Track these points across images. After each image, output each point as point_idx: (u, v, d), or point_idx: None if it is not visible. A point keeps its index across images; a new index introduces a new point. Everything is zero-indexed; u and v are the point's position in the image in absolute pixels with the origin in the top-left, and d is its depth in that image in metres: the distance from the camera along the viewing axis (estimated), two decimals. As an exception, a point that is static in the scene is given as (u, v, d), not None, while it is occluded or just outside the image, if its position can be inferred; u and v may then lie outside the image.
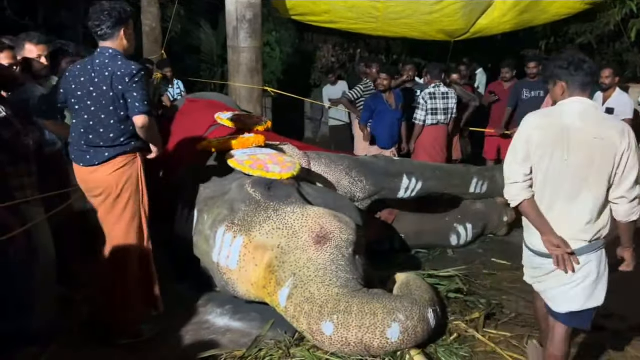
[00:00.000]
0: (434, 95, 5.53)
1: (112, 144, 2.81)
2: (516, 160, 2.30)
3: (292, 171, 3.45)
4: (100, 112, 2.78)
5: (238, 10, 5.87)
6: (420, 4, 6.63)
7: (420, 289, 2.93)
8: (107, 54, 2.79)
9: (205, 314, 3.21)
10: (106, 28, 2.77)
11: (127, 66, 2.75)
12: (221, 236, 3.06)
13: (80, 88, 2.81)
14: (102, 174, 2.81)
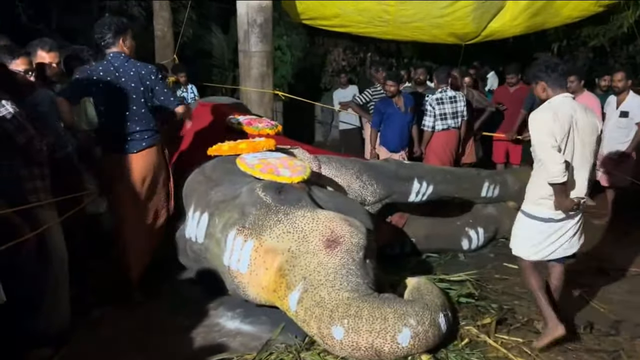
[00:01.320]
0: (441, 100, 5.52)
1: (147, 133, 3.35)
2: (552, 147, 2.77)
3: (302, 175, 3.45)
4: (134, 105, 3.31)
5: (249, 14, 5.91)
6: (431, 7, 6.62)
7: (431, 293, 2.92)
8: (121, 57, 3.32)
9: (216, 317, 3.22)
10: (108, 38, 3.30)
11: (146, 65, 3.39)
12: (232, 240, 3.07)
13: (107, 86, 3.26)
14: (142, 160, 3.35)
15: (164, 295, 3.52)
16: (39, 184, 2.82)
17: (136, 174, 3.35)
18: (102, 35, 3.29)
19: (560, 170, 2.74)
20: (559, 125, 2.78)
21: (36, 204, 2.75)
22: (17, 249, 2.45)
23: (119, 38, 3.30)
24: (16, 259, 2.44)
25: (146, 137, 3.35)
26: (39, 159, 2.83)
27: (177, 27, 7.11)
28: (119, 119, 3.29)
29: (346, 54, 9.76)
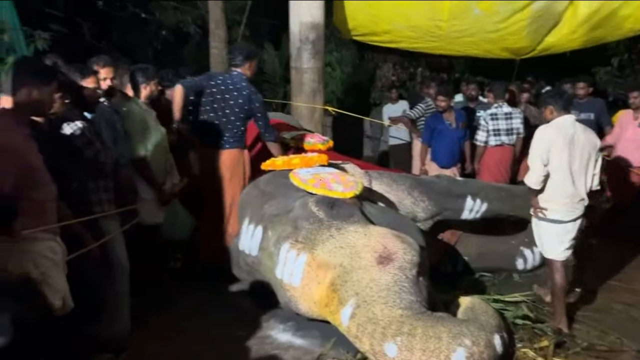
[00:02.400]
0: (496, 115, 5.43)
1: (235, 136, 4.12)
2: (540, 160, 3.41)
3: (354, 190, 3.47)
4: (232, 113, 4.08)
5: (301, 32, 6.01)
6: (485, 22, 6.55)
7: (486, 313, 2.85)
8: (241, 77, 4.12)
9: (268, 329, 3.26)
10: (238, 60, 4.13)
11: (257, 95, 4.15)
12: (285, 253, 3.11)
13: (219, 92, 4.08)
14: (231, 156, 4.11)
15: (218, 306, 3.58)
16: (103, 196, 2.96)
17: (222, 166, 4.09)
18: (234, 56, 4.16)
19: (537, 180, 3.46)
20: (560, 139, 3.40)
21: (101, 215, 2.88)
22: (83, 258, 2.57)
23: (246, 62, 4.12)
24: (82, 267, 2.55)
25: (232, 141, 4.11)
26: (104, 172, 2.97)
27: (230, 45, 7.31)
28: (218, 121, 4.08)
29: (396, 69, 9.76)
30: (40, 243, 2.36)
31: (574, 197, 3.47)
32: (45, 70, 2.49)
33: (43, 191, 2.39)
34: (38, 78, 2.35)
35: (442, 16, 6.63)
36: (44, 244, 2.37)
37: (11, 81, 2.32)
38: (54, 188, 2.46)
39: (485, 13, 6.49)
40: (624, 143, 5.35)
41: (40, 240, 2.36)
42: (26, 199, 2.26)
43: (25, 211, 2.23)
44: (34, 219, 2.29)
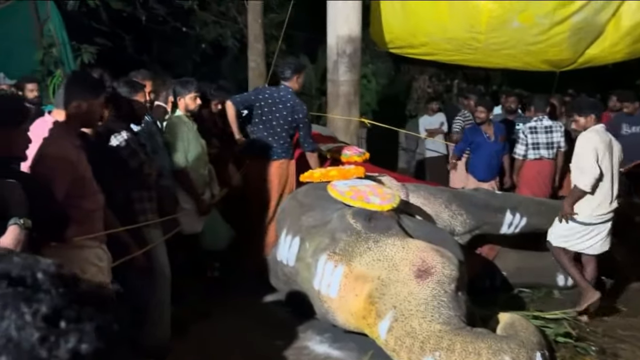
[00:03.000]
0: (535, 129, 5.33)
1: (282, 147, 4.29)
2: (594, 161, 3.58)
3: (392, 203, 3.47)
4: (278, 126, 4.26)
5: (339, 45, 6.07)
6: (524, 34, 6.46)
7: (527, 330, 2.80)
8: (288, 90, 4.30)
9: (305, 340, 3.27)
10: (287, 74, 4.31)
11: (302, 106, 4.32)
12: (322, 264, 3.13)
13: (266, 106, 4.28)
14: (277, 166, 4.27)
15: (256, 316, 3.62)
16: (147, 206, 3.05)
17: (269, 176, 4.25)
18: (283, 70, 4.36)
19: (592, 181, 3.57)
20: (602, 145, 3.62)
21: (145, 224, 2.96)
22: (128, 266, 2.65)
23: (294, 75, 4.31)
24: (127, 275, 2.63)
25: (279, 152, 4.28)
26: (148, 183, 3.06)
27: (268, 58, 7.44)
28: (266, 133, 4.28)
29: (432, 81, 9.73)
30: (87, 250, 2.45)
31: (612, 199, 3.72)
32: (94, 84, 2.59)
33: (91, 200, 2.48)
34: (88, 92, 2.45)
35: (480, 28, 6.58)
36: (90, 251, 2.46)
37: (64, 95, 2.43)
38: (102, 197, 2.55)
39: (524, 25, 6.41)
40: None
41: (88, 247, 2.44)
42: (76, 207, 2.35)
43: (74, 219, 2.32)
44: (82, 226, 2.38)
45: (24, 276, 0.54)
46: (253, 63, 7.10)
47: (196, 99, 3.82)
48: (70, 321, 0.52)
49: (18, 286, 0.53)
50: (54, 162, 2.24)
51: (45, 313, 0.51)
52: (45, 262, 0.58)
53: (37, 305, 0.51)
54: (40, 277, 0.55)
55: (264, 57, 7.17)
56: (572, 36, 6.43)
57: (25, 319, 0.50)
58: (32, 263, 0.57)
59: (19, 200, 1.78)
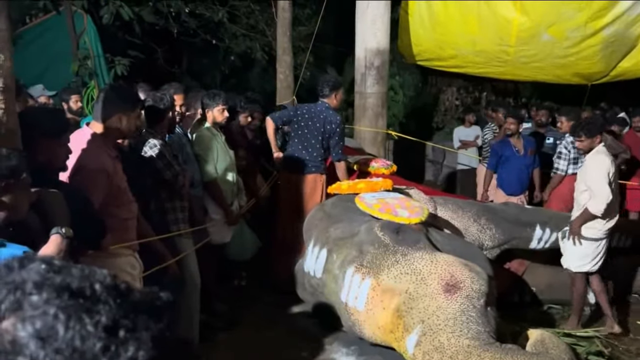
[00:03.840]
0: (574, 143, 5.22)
1: (314, 162, 4.34)
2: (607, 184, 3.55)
3: (420, 216, 3.46)
4: (313, 139, 4.34)
5: (367, 57, 6.10)
6: (555, 47, 6.39)
7: (557, 348, 2.76)
8: (325, 106, 4.39)
9: (331, 352, 3.27)
10: (325, 91, 4.40)
11: (335, 117, 4.39)
12: (350, 277, 3.14)
13: (303, 121, 4.38)
14: (309, 180, 4.31)
15: (282, 326, 3.64)
16: (180, 216, 3.11)
17: (301, 190, 4.31)
18: (322, 87, 4.44)
19: (605, 206, 3.52)
20: (613, 167, 3.63)
21: (177, 233, 3.02)
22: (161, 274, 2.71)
23: (332, 92, 4.41)
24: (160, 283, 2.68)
25: (310, 166, 4.33)
26: (181, 193, 3.13)
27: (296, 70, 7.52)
28: (300, 147, 4.37)
29: (460, 93, 9.69)
30: (122, 258, 2.51)
31: (617, 213, 3.81)
32: (130, 97, 2.66)
33: (126, 209, 2.55)
34: (125, 105, 2.52)
35: (510, 41, 6.54)
36: (124, 260, 2.52)
37: (101, 108, 2.51)
38: (136, 207, 2.61)
39: (555, 38, 6.35)
40: None
41: (122, 255, 2.51)
42: (111, 216, 2.41)
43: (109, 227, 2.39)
44: (116, 235, 2.45)
45: (83, 287, 0.57)
46: (281, 75, 7.17)
47: (224, 112, 3.87)
48: (128, 330, 0.54)
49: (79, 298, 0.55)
50: (91, 172, 2.31)
51: (105, 323, 0.53)
52: (102, 273, 0.61)
53: (98, 316, 0.54)
54: (98, 288, 0.57)
55: (291, 69, 7.24)
56: (604, 49, 6.34)
57: (87, 329, 0.53)
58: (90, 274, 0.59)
59: (61, 210, 1.85)
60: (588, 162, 3.71)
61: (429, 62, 7.50)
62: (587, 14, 6.10)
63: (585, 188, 3.68)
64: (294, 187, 4.35)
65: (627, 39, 6.24)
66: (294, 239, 4.24)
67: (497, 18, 6.43)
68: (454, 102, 9.57)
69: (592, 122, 3.77)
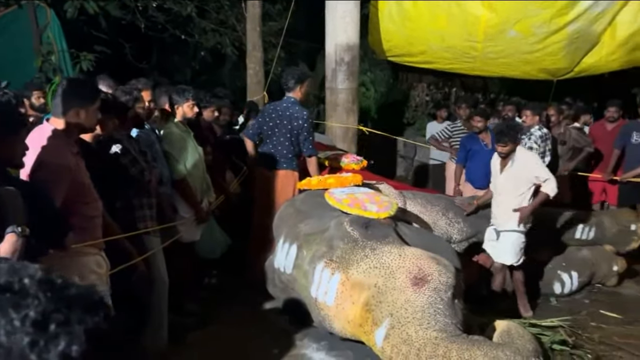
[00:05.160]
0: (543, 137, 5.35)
1: (285, 158, 4.31)
2: None
3: (389, 211, 3.48)
4: (281, 137, 4.29)
5: (337, 53, 6.11)
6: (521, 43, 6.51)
7: (522, 338, 2.81)
8: (290, 101, 4.30)
9: (302, 348, 3.27)
10: (290, 84, 4.29)
11: (301, 112, 4.28)
12: (319, 272, 3.14)
13: (270, 122, 4.32)
14: (280, 177, 4.30)
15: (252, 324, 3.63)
16: (147, 213, 3.06)
17: (272, 186, 4.31)
18: (286, 80, 4.33)
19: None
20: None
21: (144, 231, 2.97)
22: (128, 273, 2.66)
23: (297, 85, 4.30)
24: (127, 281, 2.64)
25: (283, 162, 4.31)
26: (148, 190, 3.08)
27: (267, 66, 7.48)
28: (271, 146, 4.33)
29: (430, 89, 9.77)
30: (87, 257, 2.46)
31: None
32: (89, 90, 2.57)
33: (91, 207, 2.49)
34: (84, 99, 2.46)
35: (478, 37, 6.63)
36: (90, 258, 2.47)
37: (59, 103, 2.44)
38: (100, 204, 2.56)
39: (521, 34, 6.46)
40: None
41: (87, 254, 2.45)
42: (75, 214, 2.36)
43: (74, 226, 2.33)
44: (81, 233, 2.39)
45: (11, 282, 0.55)
46: (252, 70, 7.13)
47: (194, 107, 3.84)
48: (59, 324, 0.53)
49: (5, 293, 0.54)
50: (52, 169, 2.25)
51: (34, 318, 0.52)
52: (33, 267, 0.59)
53: (26, 311, 0.52)
54: (28, 283, 0.56)
55: (262, 65, 7.21)
56: (569, 45, 6.48)
57: (14, 324, 0.51)
58: (19, 269, 0.58)
59: (16, 208, 1.79)
60: (522, 160, 3.83)
61: (399, 57, 7.56)
62: (551, 11, 6.23)
63: (527, 186, 3.82)
64: (266, 184, 4.36)
65: (590, 36, 6.40)
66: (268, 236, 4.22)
67: (465, 14, 6.52)
68: (425, 98, 9.65)
69: (514, 128, 3.86)
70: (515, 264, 3.98)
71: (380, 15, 6.94)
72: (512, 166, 3.84)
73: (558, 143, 5.79)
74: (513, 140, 3.79)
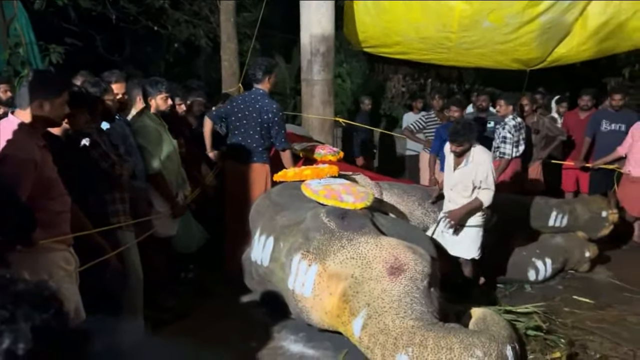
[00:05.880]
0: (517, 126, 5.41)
1: (256, 152, 4.22)
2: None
3: (365, 201, 3.49)
4: (251, 130, 4.21)
5: (312, 44, 6.07)
6: (495, 33, 6.57)
7: (497, 324, 2.84)
8: (258, 93, 4.22)
9: (280, 340, 3.27)
10: (258, 75, 4.20)
11: (271, 105, 4.19)
12: (296, 264, 3.12)
13: (238, 113, 4.24)
14: (251, 170, 4.23)
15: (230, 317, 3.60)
16: (120, 207, 3.01)
17: (245, 180, 4.23)
18: (254, 71, 4.25)
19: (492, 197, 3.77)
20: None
21: (117, 225, 2.92)
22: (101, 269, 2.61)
23: (265, 76, 4.22)
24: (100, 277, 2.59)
25: (253, 155, 4.23)
26: (120, 184, 3.02)
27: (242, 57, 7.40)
28: (240, 138, 4.25)
29: (406, 80, 9.81)
30: (55, 253, 2.40)
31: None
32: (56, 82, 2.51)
33: (58, 202, 2.43)
34: (49, 91, 2.39)
35: (452, 28, 6.66)
36: (58, 255, 2.41)
37: (24, 96, 2.37)
38: (69, 199, 2.50)
39: (495, 25, 6.51)
40: (635, 154, 5.33)
41: (55, 250, 2.39)
42: (42, 209, 2.30)
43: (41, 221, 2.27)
44: (48, 229, 2.33)
45: None
46: (226, 62, 7.04)
47: (167, 99, 3.78)
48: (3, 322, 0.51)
49: None
50: (18, 162, 2.19)
51: None
52: None
53: None
54: None
55: (237, 57, 7.12)
56: (541, 35, 6.56)
57: None
58: None
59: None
60: (477, 162, 3.75)
61: (375, 48, 7.55)
62: (524, 2, 6.29)
63: (473, 184, 3.77)
64: (238, 177, 4.29)
65: (562, 26, 6.48)
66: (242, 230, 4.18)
67: (440, 5, 6.54)
68: (401, 89, 9.69)
69: (469, 127, 3.75)
70: (476, 258, 3.96)
71: (355, 6, 6.92)
72: (467, 165, 3.78)
73: (532, 132, 5.87)
74: (468, 140, 3.72)
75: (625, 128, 5.55)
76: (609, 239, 4.84)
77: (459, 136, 3.70)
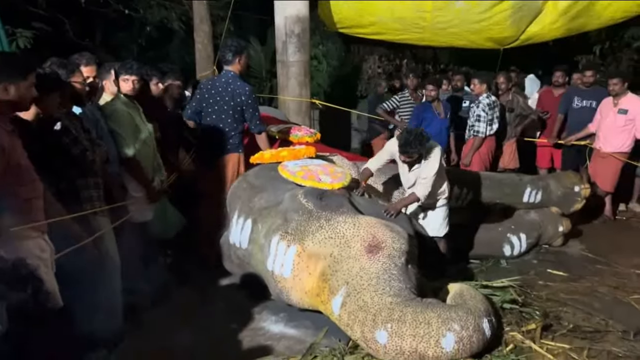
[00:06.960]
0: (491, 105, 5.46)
1: (230, 138, 4.10)
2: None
3: (343, 181, 3.50)
4: (223, 114, 4.10)
5: (287, 25, 6.02)
6: (468, 13, 6.60)
7: (474, 298, 2.90)
8: (229, 75, 4.11)
9: (260, 321, 3.29)
10: (228, 57, 4.10)
11: (244, 87, 4.09)
12: (275, 245, 3.13)
13: (209, 98, 4.12)
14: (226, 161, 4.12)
15: (210, 300, 3.60)
16: (93, 193, 2.95)
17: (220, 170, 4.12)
18: (224, 54, 4.14)
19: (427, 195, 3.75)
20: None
21: (91, 211, 2.88)
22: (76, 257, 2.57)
23: (236, 57, 4.10)
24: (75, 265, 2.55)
25: (227, 144, 4.12)
26: (93, 169, 2.97)
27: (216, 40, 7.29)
28: (213, 125, 4.12)
29: (382, 61, 9.80)
30: (28, 241, 2.35)
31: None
32: (20, 65, 2.42)
33: (29, 188, 2.37)
34: (13, 74, 2.32)
35: (426, 8, 6.67)
36: (32, 242, 2.37)
37: None
38: (40, 185, 2.44)
39: (468, 4, 6.54)
40: (604, 130, 5.44)
41: (28, 238, 2.35)
42: (12, 195, 2.25)
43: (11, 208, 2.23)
44: (20, 216, 2.28)
45: None
46: (200, 45, 6.94)
47: (139, 81, 3.71)
48: None
49: None
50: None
51: None
52: None
53: None
54: None
55: (211, 39, 7.02)
56: (514, 14, 6.61)
57: None
58: None
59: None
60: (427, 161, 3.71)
61: (350, 29, 7.52)
62: (497, -19, 6.32)
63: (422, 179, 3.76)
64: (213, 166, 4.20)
65: (534, 5, 6.54)
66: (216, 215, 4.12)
67: (414, -16, 6.53)
68: (377, 70, 9.68)
69: (419, 138, 3.59)
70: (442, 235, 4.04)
71: (329, -14, 6.87)
72: (419, 167, 3.76)
73: (506, 110, 5.94)
74: (418, 151, 3.64)
75: (596, 105, 5.64)
76: (582, 214, 4.95)
77: (410, 148, 3.59)
